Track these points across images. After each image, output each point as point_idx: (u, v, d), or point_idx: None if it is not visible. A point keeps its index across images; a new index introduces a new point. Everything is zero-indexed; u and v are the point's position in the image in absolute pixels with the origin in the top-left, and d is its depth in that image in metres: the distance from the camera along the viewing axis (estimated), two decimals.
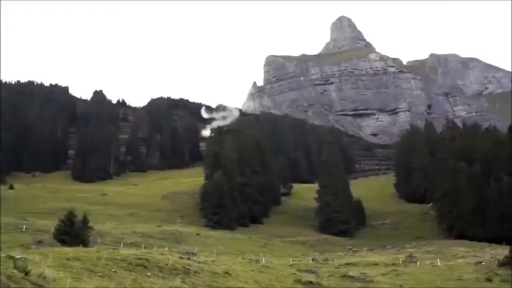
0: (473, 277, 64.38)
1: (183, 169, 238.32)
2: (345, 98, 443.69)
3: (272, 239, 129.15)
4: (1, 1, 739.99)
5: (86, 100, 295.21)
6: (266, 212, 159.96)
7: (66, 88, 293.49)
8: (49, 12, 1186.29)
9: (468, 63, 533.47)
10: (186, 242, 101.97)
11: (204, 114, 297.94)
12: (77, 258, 25.38)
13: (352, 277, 54.75)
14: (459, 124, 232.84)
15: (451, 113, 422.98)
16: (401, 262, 78.57)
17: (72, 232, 61.11)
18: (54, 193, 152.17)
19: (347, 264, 76.52)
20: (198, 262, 37.31)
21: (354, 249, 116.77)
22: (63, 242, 57.27)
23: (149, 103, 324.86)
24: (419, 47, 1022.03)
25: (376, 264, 77.57)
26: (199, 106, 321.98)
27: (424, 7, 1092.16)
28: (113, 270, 23.31)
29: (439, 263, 75.98)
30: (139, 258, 27.78)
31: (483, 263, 72.90)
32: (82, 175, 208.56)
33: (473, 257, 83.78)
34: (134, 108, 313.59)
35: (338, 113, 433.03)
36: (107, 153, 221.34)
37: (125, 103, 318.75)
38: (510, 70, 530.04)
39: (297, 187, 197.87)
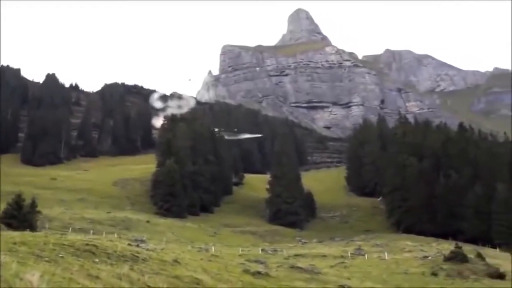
0: (419, 271, 65.30)
1: (135, 156, 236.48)
2: (299, 90, 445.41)
3: (222, 228, 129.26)
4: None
5: (38, 83, 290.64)
6: (217, 202, 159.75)
7: (18, 70, 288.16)
8: None
9: (422, 60, 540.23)
10: (136, 229, 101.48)
11: (157, 102, 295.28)
12: (24, 242, 25.03)
13: (301, 268, 54.95)
14: (411, 120, 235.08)
15: (403, 109, 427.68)
16: (349, 255, 79.27)
17: (20, 216, 60.28)
18: (2, 176, 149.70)
19: (296, 255, 76.90)
20: (147, 250, 37.12)
21: (303, 240, 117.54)
22: (10, 226, 56.45)
23: (102, 88, 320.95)
24: (374, 42, 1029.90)
25: (325, 256, 78.12)
26: (153, 92, 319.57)
27: (381, 3, 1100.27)
28: (60, 255, 23.03)
29: (386, 257, 76.84)
30: (87, 244, 27.50)
31: (429, 258, 73.98)
32: (32, 159, 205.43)
33: (420, 252, 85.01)
34: (87, 93, 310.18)
35: (292, 105, 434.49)
36: (58, 137, 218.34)
37: (78, 87, 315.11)
38: (462, 68, 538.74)
39: (249, 177, 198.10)
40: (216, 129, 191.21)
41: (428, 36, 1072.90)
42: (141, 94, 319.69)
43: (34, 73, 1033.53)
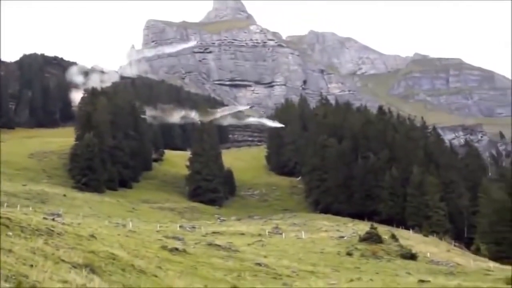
0: (335, 250, 66.52)
1: (54, 128, 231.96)
2: (223, 68, 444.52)
3: (140, 204, 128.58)
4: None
5: None
6: (136, 177, 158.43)
7: None
8: None
9: (344, 43, 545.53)
10: (52, 203, 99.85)
11: (77, 75, 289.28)
12: None
13: (218, 245, 55.26)
14: (332, 101, 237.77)
15: (325, 90, 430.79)
16: (267, 233, 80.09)
17: None
18: None
19: (214, 232, 77.20)
20: (63, 224, 36.53)
21: (222, 218, 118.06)
22: None
23: (21, 58, 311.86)
24: (299, 23, 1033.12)
25: (243, 234, 78.68)
26: (73, 65, 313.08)
27: None
28: None
29: (303, 236, 77.97)
30: (1, 217, 26.89)
31: (345, 238, 75.54)
32: None
33: (336, 232, 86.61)
34: (5, 63, 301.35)
35: (215, 82, 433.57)
36: None
37: None
38: (384, 52, 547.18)
39: (169, 153, 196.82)
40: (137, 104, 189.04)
41: (352, 20, 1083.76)
42: (61, 65, 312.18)
43: None
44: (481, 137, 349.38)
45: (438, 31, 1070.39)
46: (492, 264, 79.45)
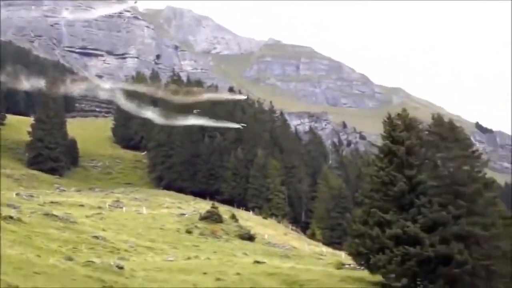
0: (175, 227, 66.81)
1: None
2: (75, 35, 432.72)
3: None
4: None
5: None
6: None
7: None
8: None
9: (201, 21, 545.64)
10: None
11: None
12: None
13: (56, 216, 54.04)
14: (184, 78, 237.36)
15: (178, 67, 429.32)
16: (107, 206, 79.29)
17: None
18: None
19: (52, 202, 75.43)
20: None
21: (62, 188, 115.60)
22: None
23: None
24: None
25: (82, 205, 77.42)
26: None
27: None
28: None
29: (144, 211, 77.75)
30: None
31: (186, 215, 75.95)
32: None
33: (177, 209, 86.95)
34: None
35: (66, 48, 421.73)
36: None
37: None
38: (239, 34, 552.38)
39: (11, 118, 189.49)
40: None
41: None
42: None
43: None
44: (325, 125, 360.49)
45: (293, 18, 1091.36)
46: (325, 249, 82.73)
